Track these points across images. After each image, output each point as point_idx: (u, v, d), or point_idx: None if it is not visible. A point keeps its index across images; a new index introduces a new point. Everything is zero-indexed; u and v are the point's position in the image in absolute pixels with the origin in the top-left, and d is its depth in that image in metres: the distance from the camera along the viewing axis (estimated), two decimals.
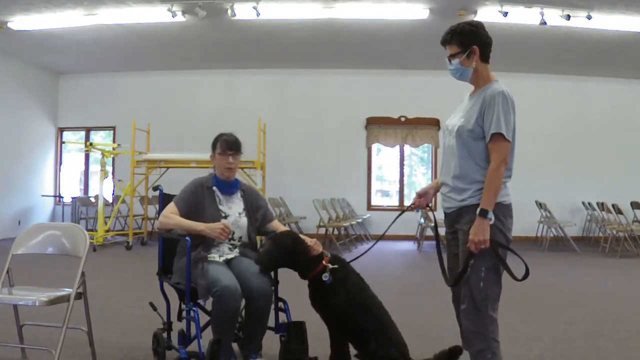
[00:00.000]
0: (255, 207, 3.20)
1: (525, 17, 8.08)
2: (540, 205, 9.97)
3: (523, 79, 11.37)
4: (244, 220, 3.12)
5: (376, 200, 12.00)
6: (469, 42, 2.46)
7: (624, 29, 8.41)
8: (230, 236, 3.02)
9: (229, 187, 3.16)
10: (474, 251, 2.36)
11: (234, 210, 3.13)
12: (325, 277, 2.72)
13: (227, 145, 3.12)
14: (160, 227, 3.04)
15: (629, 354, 3.48)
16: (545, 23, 8.06)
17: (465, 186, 2.44)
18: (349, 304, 2.73)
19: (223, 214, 3.06)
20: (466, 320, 2.45)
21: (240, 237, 3.12)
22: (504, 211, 2.42)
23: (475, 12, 8.10)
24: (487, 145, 2.40)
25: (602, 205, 9.50)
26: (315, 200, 9.32)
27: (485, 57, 2.51)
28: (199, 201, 3.05)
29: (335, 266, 2.77)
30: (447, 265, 2.67)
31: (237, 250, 3.10)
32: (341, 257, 2.95)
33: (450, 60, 2.52)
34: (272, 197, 10.13)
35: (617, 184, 10.94)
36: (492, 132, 2.36)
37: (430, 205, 2.80)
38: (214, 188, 3.13)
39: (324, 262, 2.79)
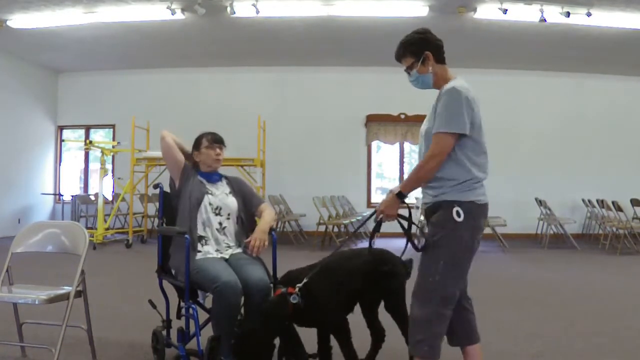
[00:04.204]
0: (241, 192, 3.27)
1: (524, 14, 8.07)
2: (540, 202, 9.97)
3: (522, 76, 11.40)
4: (231, 199, 3.18)
5: (376, 198, 11.99)
6: (421, 49, 2.49)
7: (624, 26, 8.39)
8: (217, 211, 3.10)
9: (212, 175, 3.24)
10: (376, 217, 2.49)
11: (221, 190, 3.21)
12: (295, 299, 2.66)
13: (214, 138, 3.24)
14: (162, 141, 3.20)
15: (629, 351, 3.49)
16: (544, 20, 8.05)
17: (439, 183, 2.43)
18: (329, 302, 2.74)
19: (209, 192, 3.14)
20: (412, 308, 2.42)
21: (229, 214, 3.14)
22: (476, 210, 2.40)
23: (474, 9, 8.09)
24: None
25: (602, 203, 9.50)
26: (315, 198, 9.32)
27: (440, 59, 2.52)
28: (188, 173, 3.17)
29: (300, 286, 2.69)
30: None
31: (233, 249, 3.11)
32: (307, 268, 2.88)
33: (409, 73, 2.55)
34: (272, 195, 10.14)
35: (617, 181, 10.94)
36: (434, 131, 2.38)
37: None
38: (199, 177, 3.21)
39: (289, 294, 2.69)
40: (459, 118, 2.33)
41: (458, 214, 2.36)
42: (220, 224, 3.10)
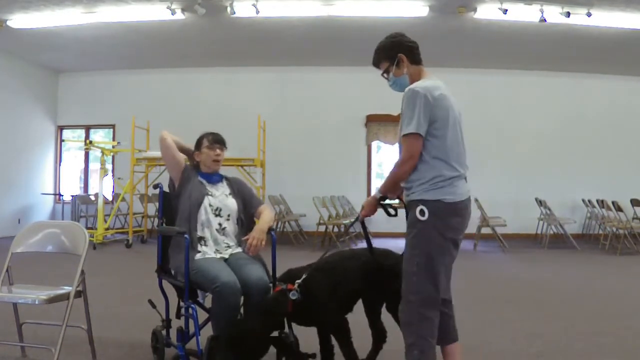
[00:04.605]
0: (241, 193, 3.27)
1: (524, 14, 8.07)
2: (540, 202, 9.97)
3: (522, 76, 11.39)
4: (231, 200, 3.17)
5: None
6: (394, 52, 2.56)
7: (624, 26, 8.39)
8: (217, 212, 3.09)
9: (212, 176, 3.24)
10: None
11: (221, 191, 3.20)
12: (294, 295, 2.65)
13: (215, 139, 3.24)
14: (161, 142, 3.18)
15: (629, 351, 3.49)
16: (544, 20, 8.05)
17: (409, 184, 2.47)
18: (328, 301, 2.73)
19: (209, 193, 3.14)
20: (400, 314, 2.44)
21: (229, 215, 3.14)
22: (445, 209, 2.39)
23: (474, 10, 8.09)
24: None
25: (602, 203, 9.50)
26: (315, 198, 9.32)
27: (414, 60, 2.58)
28: (188, 175, 3.17)
29: (299, 283, 2.69)
30: None
31: (232, 248, 3.10)
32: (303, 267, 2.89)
33: (386, 77, 2.62)
34: (272, 195, 10.14)
35: (617, 181, 10.94)
36: (402, 134, 2.43)
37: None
38: (199, 177, 3.21)
39: (289, 291, 2.67)
40: (414, 119, 2.36)
41: (422, 213, 2.37)
42: (220, 224, 3.10)
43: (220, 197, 3.15)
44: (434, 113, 2.37)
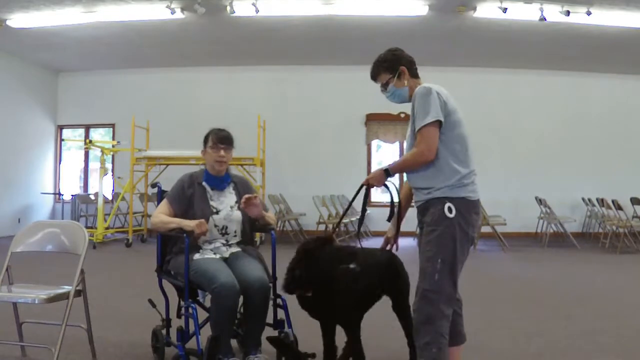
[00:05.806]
0: None
1: (524, 13, 8.06)
2: (540, 201, 9.97)
3: (522, 75, 11.39)
4: (237, 213, 3.11)
5: (376, 197, 11.99)
6: (396, 65, 2.63)
7: (624, 25, 8.39)
8: (223, 230, 3.05)
9: (220, 182, 3.15)
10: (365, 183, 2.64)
11: (226, 204, 3.12)
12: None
13: (219, 138, 3.13)
14: (152, 227, 3.09)
15: (629, 350, 3.48)
16: (544, 19, 8.04)
17: (430, 183, 2.49)
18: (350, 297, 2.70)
19: (214, 209, 3.06)
20: (416, 312, 2.45)
21: (236, 231, 3.11)
22: (467, 207, 2.45)
23: (474, 8, 8.08)
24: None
25: (601, 201, 9.50)
26: (315, 197, 9.32)
27: (414, 74, 2.66)
28: (189, 197, 3.06)
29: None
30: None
31: (233, 248, 3.08)
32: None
33: (385, 89, 2.67)
34: (272, 194, 10.14)
35: (617, 180, 10.93)
36: (416, 130, 2.45)
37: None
38: (204, 184, 3.12)
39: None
40: (431, 111, 2.40)
41: (450, 210, 2.40)
42: (227, 241, 3.08)
43: (225, 211, 3.08)
44: (446, 108, 2.45)
